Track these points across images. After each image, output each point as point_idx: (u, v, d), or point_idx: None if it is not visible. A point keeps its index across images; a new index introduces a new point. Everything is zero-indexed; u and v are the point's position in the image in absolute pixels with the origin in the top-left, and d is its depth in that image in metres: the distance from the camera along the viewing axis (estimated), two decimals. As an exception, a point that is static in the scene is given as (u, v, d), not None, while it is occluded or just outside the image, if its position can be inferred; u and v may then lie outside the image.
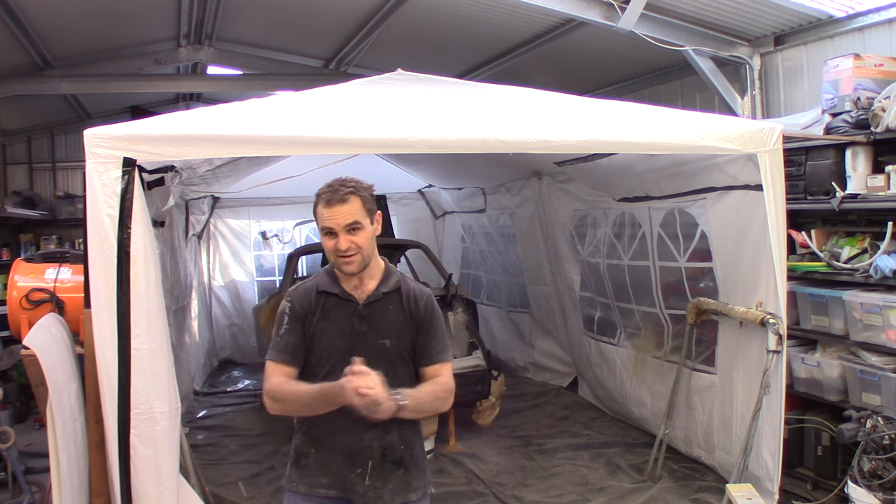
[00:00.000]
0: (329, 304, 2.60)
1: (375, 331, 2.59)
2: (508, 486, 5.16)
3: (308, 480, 2.61)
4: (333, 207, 2.48)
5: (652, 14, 6.06)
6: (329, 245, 2.52)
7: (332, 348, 2.57)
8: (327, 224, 2.49)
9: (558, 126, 3.89)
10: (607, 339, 6.47)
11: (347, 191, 2.50)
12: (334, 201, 2.48)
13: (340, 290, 2.60)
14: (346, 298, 2.59)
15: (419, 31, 7.81)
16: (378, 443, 2.58)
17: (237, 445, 6.29)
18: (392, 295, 2.63)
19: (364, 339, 2.57)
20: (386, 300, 2.62)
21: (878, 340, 4.19)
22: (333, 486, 2.58)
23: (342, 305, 2.59)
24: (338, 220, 2.48)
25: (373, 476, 2.57)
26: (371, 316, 2.59)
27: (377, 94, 4.39)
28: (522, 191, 7.42)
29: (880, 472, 3.92)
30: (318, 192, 2.55)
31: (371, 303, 2.60)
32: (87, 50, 8.37)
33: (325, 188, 2.54)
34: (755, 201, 4.20)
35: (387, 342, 2.59)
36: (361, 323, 2.58)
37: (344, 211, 2.48)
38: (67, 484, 3.45)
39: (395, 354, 2.60)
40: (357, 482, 2.57)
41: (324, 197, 2.51)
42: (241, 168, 5.24)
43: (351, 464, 2.57)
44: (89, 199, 3.26)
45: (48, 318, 4.16)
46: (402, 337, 2.62)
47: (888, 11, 5.16)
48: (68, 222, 10.57)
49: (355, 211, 2.49)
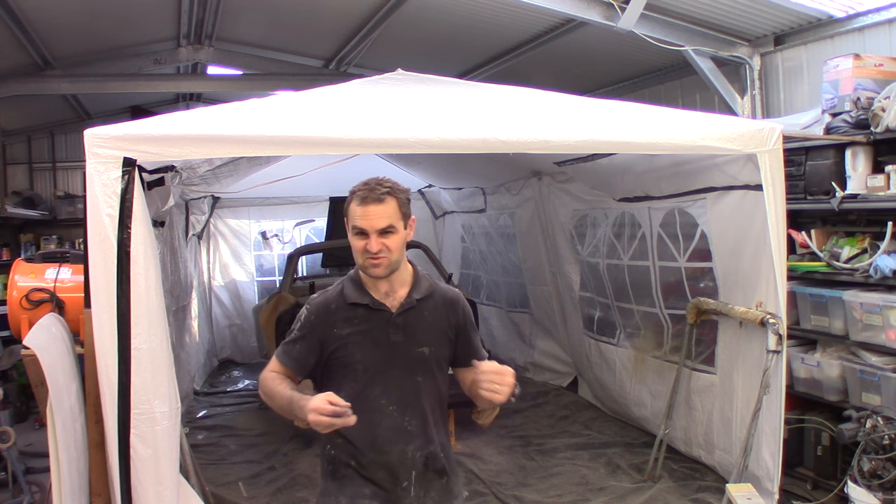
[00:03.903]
0: (359, 315, 2.45)
1: (412, 339, 2.47)
2: (508, 486, 5.16)
3: (349, 491, 2.48)
4: (368, 206, 2.34)
5: (652, 14, 6.06)
6: (358, 245, 2.38)
7: (367, 360, 2.44)
8: (360, 224, 2.35)
9: (558, 126, 3.88)
10: (607, 339, 6.47)
11: (384, 191, 2.36)
12: (370, 200, 2.34)
13: (371, 300, 2.46)
14: (378, 308, 2.46)
15: (419, 31, 7.81)
16: (421, 453, 2.49)
17: (237, 445, 6.29)
18: (426, 301, 2.51)
19: (401, 348, 2.45)
20: (420, 307, 2.49)
21: (877, 340, 4.19)
22: (377, 497, 2.48)
23: (375, 316, 2.45)
24: (371, 221, 2.34)
25: (416, 486, 2.49)
26: (406, 324, 2.46)
27: (377, 94, 4.39)
28: (522, 191, 7.42)
29: (880, 472, 3.92)
30: (354, 189, 2.41)
31: (405, 311, 2.47)
32: (87, 50, 8.37)
33: (360, 186, 2.40)
34: (755, 201, 4.20)
35: (425, 350, 2.48)
36: (397, 332, 2.45)
37: (379, 212, 2.34)
38: (67, 484, 3.45)
39: (433, 362, 2.50)
40: (402, 495, 2.48)
41: (359, 195, 2.37)
42: (241, 168, 5.24)
43: (395, 478, 2.47)
44: (89, 199, 3.26)
45: (48, 318, 4.16)
46: (441, 344, 2.52)
47: (888, 11, 5.16)
48: (68, 222, 10.58)
49: (390, 213, 2.36)
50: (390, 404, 2.45)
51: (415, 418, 2.48)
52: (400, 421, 2.47)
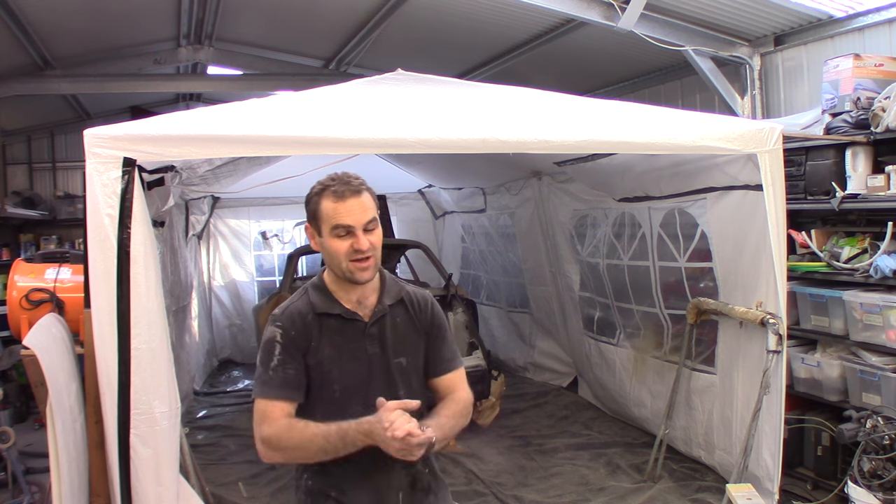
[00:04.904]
0: (332, 327, 2.23)
1: (388, 350, 2.27)
2: (508, 486, 5.15)
3: None
4: (348, 201, 2.14)
5: (652, 14, 6.06)
6: (342, 247, 2.15)
7: (345, 378, 2.23)
8: (344, 221, 2.13)
9: (558, 126, 3.88)
10: (607, 339, 6.47)
11: (359, 182, 2.19)
12: (348, 193, 2.14)
13: (343, 310, 2.24)
14: (351, 318, 2.25)
15: (419, 31, 7.80)
16: (407, 472, 2.31)
17: (237, 445, 6.28)
18: (397, 306, 2.32)
19: (379, 361, 2.26)
20: (392, 313, 2.30)
21: (878, 340, 4.19)
22: None
23: (348, 327, 2.24)
24: (356, 216, 2.13)
25: None
26: (381, 334, 2.27)
27: (377, 94, 4.39)
28: (522, 191, 7.42)
29: (880, 472, 3.92)
30: (322, 186, 2.19)
31: (378, 319, 2.27)
32: (87, 50, 8.37)
33: (329, 182, 2.19)
34: (755, 201, 4.20)
35: (402, 360, 2.29)
36: (373, 344, 2.25)
37: (361, 205, 2.15)
38: (67, 484, 3.45)
39: (413, 373, 2.32)
40: None
41: (334, 189, 2.15)
42: (241, 168, 5.24)
43: (381, 501, 2.27)
44: (89, 199, 3.26)
45: (48, 318, 4.16)
46: (417, 352, 2.34)
47: (888, 11, 5.16)
48: (68, 222, 10.57)
49: (371, 205, 2.18)
50: None
51: None
52: None
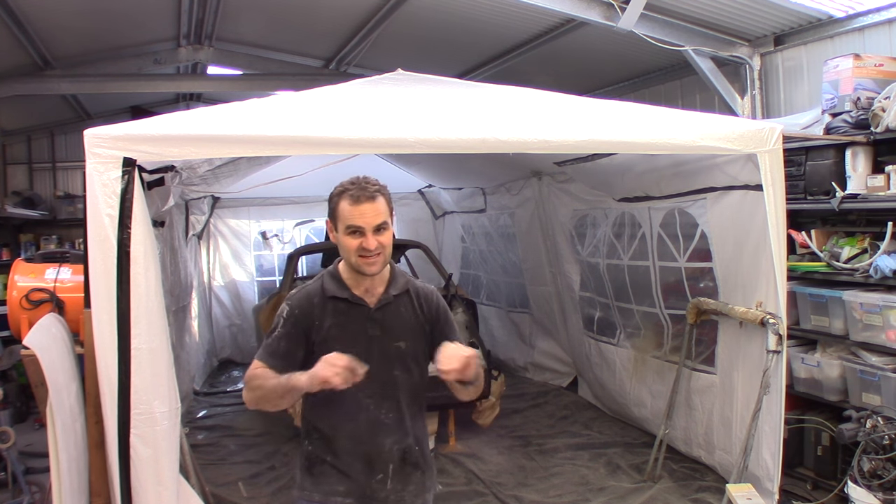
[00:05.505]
0: (339, 309, 2.51)
1: (389, 334, 2.53)
2: (508, 486, 5.16)
3: (323, 488, 2.52)
4: (363, 205, 2.39)
5: (652, 14, 6.06)
6: (352, 244, 2.41)
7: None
8: (356, 223, 2.39)
9: (558, 126, 3.89)
10: (607, 339, 6.47)
11: (375, 188, 2.42)
12: (363, 198, 2.39)
13: (350, 295, 2.51)
14: (357, 303, 2.51)
15: (419, 31, 7.80)
16: (398, 446, 2.54)
17: (237, 445, 6.29)
18: (402, 297, 2.57)
19: (379, 343, 2.51)
20: (397, 302, 2.56)
21: (878, 340, 4.19)
22: (351, 494, 2.51)
23: (353, 310, 2.51)
24: (367, 218, 2.39)
25: (394, 480, 2.53)
26: (383, 319, 2.53)
27: (377, 94, 4.39)
28: (522, 191, 7.42)
29: (880, 472, 3.92)
30: (342, 189, 2.44)
31: (383, 306, 2.53)
32: (87, 50, 8.37)
33: (349, 185, 2.44)
34: (755, 201, 4.20)
35: (402, 344, 2.54)
36: (374, 327, 2.51)
37: (373, 209, 2.40)
38: (67, 484, 3.45)
39: (410, 357, 2.56)
40: (378, 488, 2.52)
41: (351, 193, 2.40)
42: (241, 168, 5.24)
43: (371, 470, 2.52)
44: (89, 199, 3.26)
45: (48, 318, 4.16)
46: (417, 338, 2.57)
47: (888, 11, 5.16)
48: (68, 222, 10.56)
49: (383, 210, 2.42)
50: (367, 398, 2.48)
51: (391, 412, 2.52)
52: (377, 414, 2.51)
